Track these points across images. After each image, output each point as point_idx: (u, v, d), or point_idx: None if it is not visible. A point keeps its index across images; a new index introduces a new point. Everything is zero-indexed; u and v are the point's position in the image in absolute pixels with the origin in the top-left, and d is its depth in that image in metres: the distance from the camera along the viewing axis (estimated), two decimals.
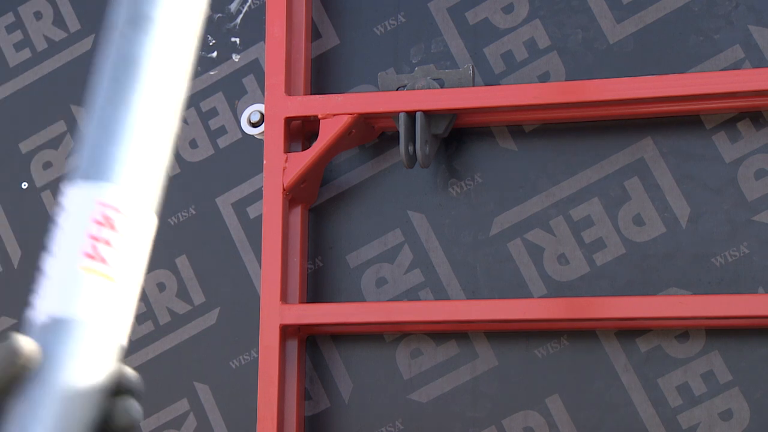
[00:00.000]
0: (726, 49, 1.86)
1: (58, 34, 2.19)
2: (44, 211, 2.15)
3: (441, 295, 1.91)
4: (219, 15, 2.12)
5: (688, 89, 1.78)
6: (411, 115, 1.86)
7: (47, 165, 2.17)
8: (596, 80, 1.82)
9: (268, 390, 1.86)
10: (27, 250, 2.15)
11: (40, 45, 2.20)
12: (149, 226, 0.94)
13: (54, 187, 2.15)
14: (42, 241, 2.26)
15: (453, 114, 1.89)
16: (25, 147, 2.18)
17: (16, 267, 2.15)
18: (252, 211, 2.05)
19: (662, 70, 1.84)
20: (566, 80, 1.90)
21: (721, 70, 1.84)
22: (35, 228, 2.15)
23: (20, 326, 2.05)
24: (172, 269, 2.07)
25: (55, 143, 2.16)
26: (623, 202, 1.87)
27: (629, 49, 1.89)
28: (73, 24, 2.19)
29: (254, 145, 2.00)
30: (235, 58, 2.10)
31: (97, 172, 0.89)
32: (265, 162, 1.91)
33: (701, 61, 1.86)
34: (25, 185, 2.17)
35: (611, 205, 1.87)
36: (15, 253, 2.16)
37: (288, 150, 1.92)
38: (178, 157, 2.10)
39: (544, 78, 1.93)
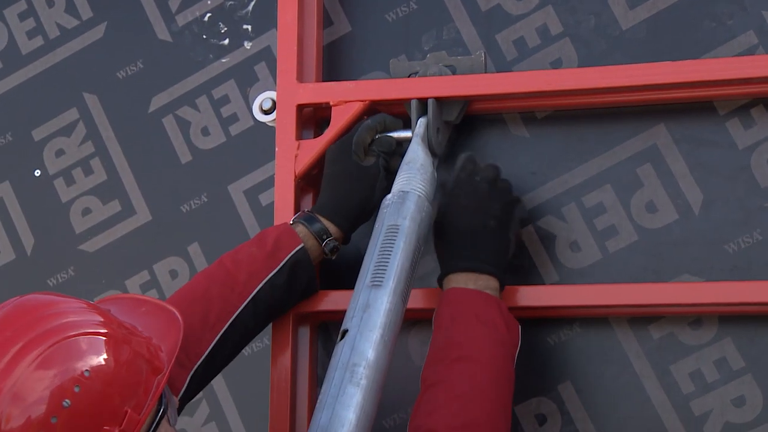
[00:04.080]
0: (739, 35, 1.85)
1: (71, 22, 2.20)
2: (57, 198, 2.16)
3: None
4: (231, 2, 2.12)
5: (701, 75, 1.78)
6: (423, 101, 1.86)
7: (60, 153, 2.17)
8: (609, 66, 1.82)
9: (281, 377, 1.86)
10: (40, 237, 2.16)
11: (53, 32, 2.20)
12: None
13: (66, 175, 2.16)
14: (54, 228, 2.27)
15: (465, 101, 1.88)
16: (37, 134, 2.19)
17: (29, 254, 2.16)
18: (264, 198, 2.05)
19: (675, 56, 1.83)
20: (579, 67, 1.90)
21: (735, 55, 1.84)
22: (48, 215, 2.16)
23: None
24: (184, 256, 2.08)
25: (67, 131, 2.17)
26: (636, 188, 1.87)
27: (642, 36, 1.89)
28: (85, 11, 2.20)
29: (266, 133, 2.00)
30: (247, 45, 2.10)
31: None
32: (277, 149, 1.91)
33: (714, 47, 1.85)
34: (37, 173, 2.18)
35: (624, 192, 1.87)
36: (28, 240, 2.17)
37: (300, 137, 1.92)
38: (190, 144, 2.11)
39: (556, 64, 1.92)
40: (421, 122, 1.84)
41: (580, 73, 1.84)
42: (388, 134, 1.87)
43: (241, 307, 1.74)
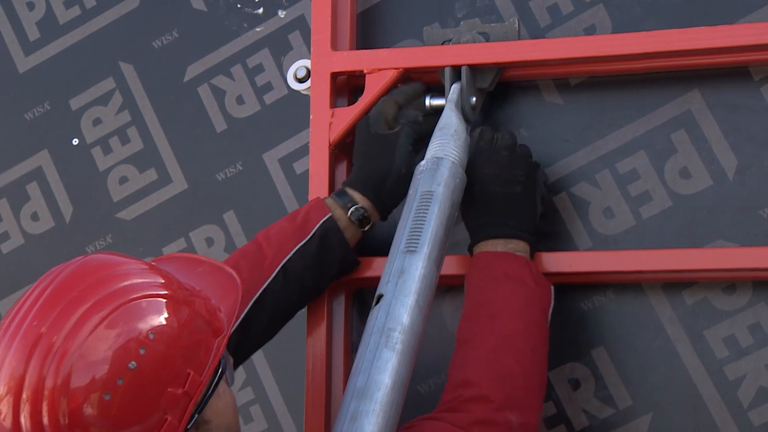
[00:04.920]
0: None
1: None
2: (94, 167, 2.18)
3: None
4: None
5: (736, 40, 1.77)
6: (456, 69, 1.86)
7: (97, 121, 2.19)
8: (643, 32, 1.81)
9: (316, 342, 1.88)
10: (78, 205, 2.18)
11: (89, 2, 2.22)
12: None
13: (104, 144, 2.18)
14: (92, 196, 2.29)
15: (499, 68, 1.88)
16: (75, 104, 2.20)
17: (68, 222, 2.19)
18: (298, 167, 2.06)
19: (710, 22, 1.82)
20: (612, 33, 1.89)
21: None
22: (86, 184, 2.18)
23: None
24: (220, 224, 2.10)
25: (104, 100, 2.18)
26: (670, 154, 1.86)
27: (676, 1, 1.88)
28: None
29: (300, 101, 2.01)
30: (281, 14, 2.11)
31: None
32: (311, 117, 1.92)
33: (749, 12, 1.84)
34: (75, 141, 2.20)
35: (658, 158, 1.87)
36: (67, 208, 2.19)
37: (334, 105, 1.93)
38: (225, 113, 2.12)
39: (590, 31, 1.92)
40: (455, 88, 1.84)
41: (613, 39, 1.83)
42: (435, 101, 1.87)
43: (271, 278, 1.76)
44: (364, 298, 1.94)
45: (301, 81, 1.96)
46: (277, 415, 2.02)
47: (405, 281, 1.64)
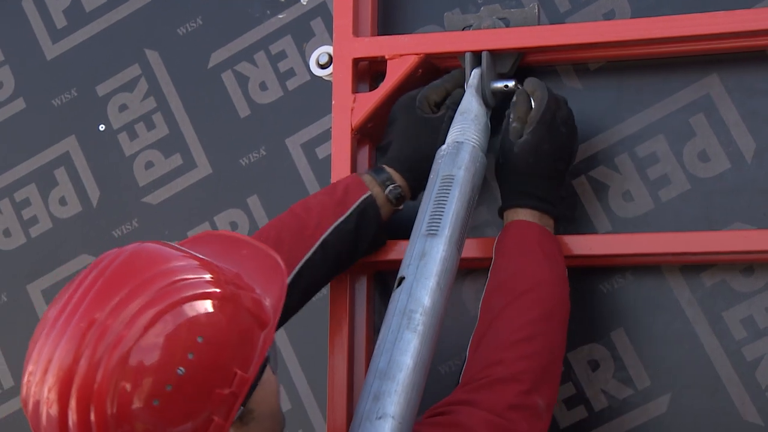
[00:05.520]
0: None
1: None
2: (120, 152, 2.20)
3: None
4: None
5: (754, 24, 1.77)
6: (477, 54, 1.87)
7: (123, 107, 2.21)
8: (661, 17, 1.82)
9: (339, 324, 1.90)
10: (105, 190, 2.20)
11: None
12: None
13: (129, 129, 2.20)
14: (119, 181, 2.31)
15: (518, 53, 1.90)
16: (101, 90, 2.22)
17: (95, 206, 2.21)
18: (321, 152, 2.08)
19: (729, 6, 1.82)
20: (631, 18, 1.90)
21: None
22: (112, 169, 2.20)
23: None
24: (244, 208, 2.12)
25: (130, 86, 2.20)
26: (688, 138, 1.87)
27: None
28: None
29: (322, 87, 2.03)
30: (303, 1, 2.12)
31: None
32: (333, 102, 1.94)
33: None
34: (102, 127, 2.22)
35: (676, 142, 1.88)
36: (94, 193, 2.21)
37: (356, 90, 1.94)
38: (248, 99, 2.14)
39: (609, 16, 1.93)
40: (475, 73, 1.86)
41: (632, 24, 1.84)
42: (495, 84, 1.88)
43: (310, 252, 1.76)
44: (385, 280, 1.96)
45: (323, 67, 1.98)
46: (301, 396, 2.04)
47: (426, 264, 1.66)
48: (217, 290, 1.35)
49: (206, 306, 1.33)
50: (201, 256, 1.40)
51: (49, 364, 1.30)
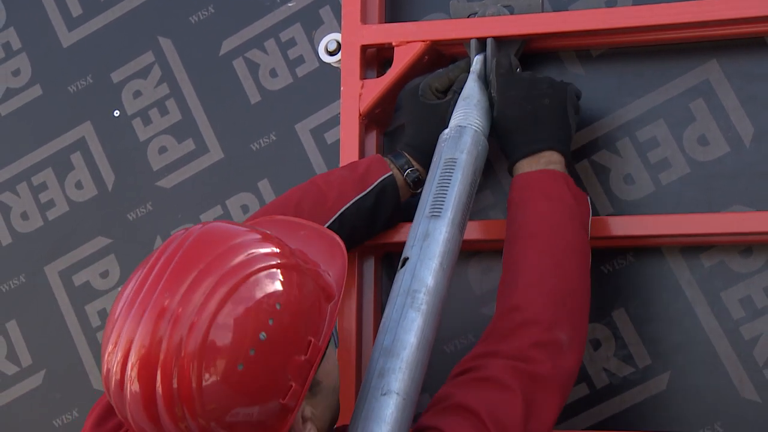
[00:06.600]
0: None
1: None
2: (135, 137, 2.22)
3: None
4: None
5: (753, 11, 1.79)
6: (482, 41, 1.90)
7: (137, 94, 2.23)
8: (662, 4, 1.83)
9: (348, 305, 1.93)
10: (120, 174, 2.23)
11: None
12: None
13: (143, 115, 2.23)
14: (133, 165, 2.32)
15: (523, 40, 1.92)
16: (116, 77, 2.24)
17: (110, 190, 2.23)
18: (329, 137, 2.10)
19: None
20: (633, 5, 1.91)
21: None
22: (127, 153, 2.22)
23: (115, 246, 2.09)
24: (255, 192, 2.14)
25: (143, 73, 2.23)
26: (688, 123, 1.89)
27: None
28: None
29: (331, 73, 2.05)
30: None
31: None
32: (342, 89, 1.96)
33: None
34: (116, 113, 2.24)
35: (676, 126, 1.90)
36: (109, 177, 2.24)
37: (363, 77, 1.97)
38: (259, 85, 2.16)
39: (611, 3, 1.95)
40: (478, 59, 1.89)
41: (634, 11, 1.86)
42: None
43: (329, 223, 1.79)
44: (392, 261, 1.99)
45: (331, 54, 1.99)
46: None
47: (429, 245, 1.68)
48: (287, 261, 1.39)
49: (279, 275, 1.37)
50: (267, 231, 1.44)
51: (131, 344, 1.32)
